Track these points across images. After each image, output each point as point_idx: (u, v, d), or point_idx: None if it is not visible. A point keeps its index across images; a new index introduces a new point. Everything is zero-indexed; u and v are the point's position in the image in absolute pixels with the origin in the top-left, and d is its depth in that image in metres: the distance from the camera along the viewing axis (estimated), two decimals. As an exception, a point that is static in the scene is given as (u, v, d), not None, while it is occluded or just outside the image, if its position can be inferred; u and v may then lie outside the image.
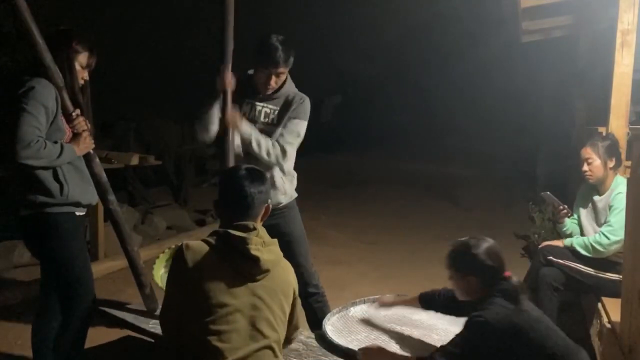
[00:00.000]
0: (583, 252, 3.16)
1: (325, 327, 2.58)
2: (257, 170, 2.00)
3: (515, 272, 2.27)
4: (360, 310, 2.83)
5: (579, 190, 3.44)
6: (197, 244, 1.85)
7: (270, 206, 1.99)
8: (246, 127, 2.71)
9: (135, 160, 4.90)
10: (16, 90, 2.29)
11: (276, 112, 2.84)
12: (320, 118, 13.63)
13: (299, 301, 2.04)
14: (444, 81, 11.68)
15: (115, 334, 3.17)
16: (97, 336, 3.03)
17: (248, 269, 1.83)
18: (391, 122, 12.93)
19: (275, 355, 1.89)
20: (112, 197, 2.63)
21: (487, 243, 2.23)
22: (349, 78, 13.67)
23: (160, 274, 2.84)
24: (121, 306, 3.00)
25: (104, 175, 2.60)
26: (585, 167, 3.21)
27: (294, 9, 11.16)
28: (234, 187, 1.92)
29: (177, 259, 1.84)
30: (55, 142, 2.33)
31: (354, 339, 2.49)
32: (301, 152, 2.98)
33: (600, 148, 3.18)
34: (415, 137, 12.41)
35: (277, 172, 2.85)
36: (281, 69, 2.73)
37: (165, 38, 10.15)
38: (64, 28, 2.52)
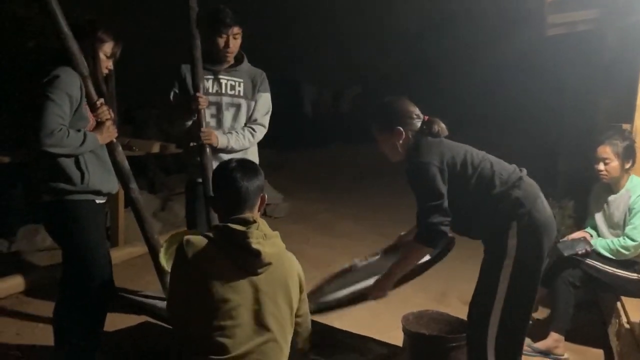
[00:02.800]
0: (607, 255, 3.12)
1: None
2: (248, 162, 2.01)
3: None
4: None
5: (591, 194, 3.39)
6: (197, 239, 1.85)
7: (266, 196, 2.01)
8: (222, 139, 2.98)
9: (156, 148, 4.95)
10: (41, 79, 2.32)
11: (241, 84, 3.09)
12: (340, 109, 13.59)
13: (305, 295, 2.03)
14: (465, 74, 11.55)
15: (133, 319, 3.21)
16: (116, 321, 3.07)
17: (250, 263, 1.83)
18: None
19: (281, 349, 1.88)
20: (133, 185, 2.66)
21: (400, 97, 2.47)
22: (369, 69, 13.61)
23: (166, 258, 2.81)
24: (140, 292, 3.04)
25: (126, 164, 2.63)
26: (602, 167, 3.15)
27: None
28: (226, 182, 1.91)
29: (179, 255, 1.85)
30: (78, 131, 2.36)
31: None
32: (319, 144, 3.04)
33: (620, 148, 3.12)
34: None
35: (252, 153, 3.13)
36: (236, 29, 2.96)
37: (186, 25, 10.19)
38: (89, 17, 2.54)
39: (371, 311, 3.14)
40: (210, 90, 3.04)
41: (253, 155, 3.17)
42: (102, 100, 2.48)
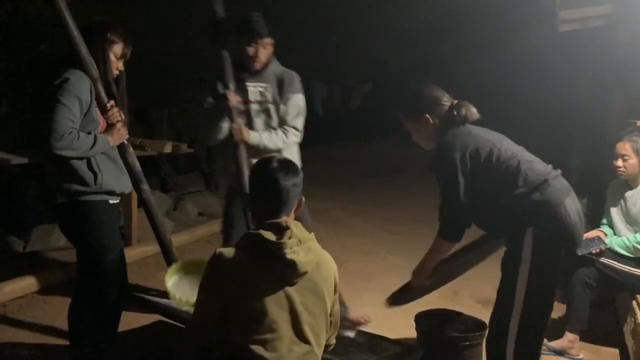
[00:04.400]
0: (624, 253, 3.09)
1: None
2: (290, 162, 1.91)
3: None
4: None
5: (608, 190, 3.36)
6: (229, 252, 1.78)
7: (304, 199, 1.92)
8: (254, 136, 2.91)
9: (168, 148, 4.96)
10: (51, 82, 2.34)
11: (270, 89, 2.99)
12: (350, 105, 13.56)
13: (338, 294, 1.95)
14: (477, 71, 11.48)
15: (146, 318, 3.24)
16: (129, 320, 3.10)
17: (285, 274, 1.75)
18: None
19: (318, 358, 1.83)
20: (145, 186, 2.69)
21: (427, 83, 2.41)
22: (381, 66, 13.56)
23: (171, 283, 2.79)
24: (153, 291, 3.07)
25: (137, 165, 2.66)
26: (620, 163, 3.13)
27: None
28: (266, 182, 1.82)
29: (212, 268, 1.78)
30: (89, 133, 2.37)
31: None
32: (330, 141, 3.03)
33: (639, 145, 3.10)
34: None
35: (290, 152, 3.03)
36: (266, 40, 2.89)
37: (199, 23, 10.23)
38: (98, 19, 2.55)
39: (384, 310, 3.13)
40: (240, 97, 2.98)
41: (293, 157, 3.02)
42: (112, 102, 2.49)
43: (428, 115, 2.31)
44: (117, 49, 2.53)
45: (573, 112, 7.59)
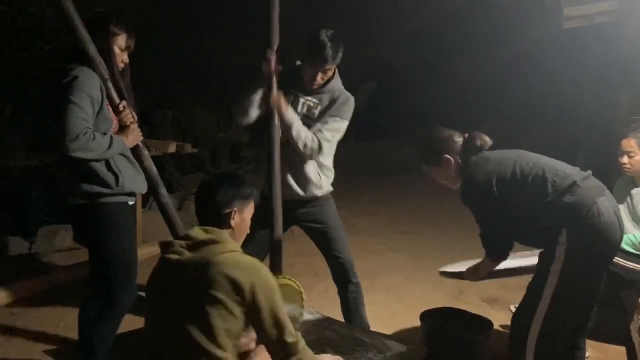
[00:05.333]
0: (631, 250, 3.07)
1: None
2: (227, 176, 2.00)
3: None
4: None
5: (615, 187, 3.34)
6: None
7: (235, 211, 1.90)
8: (291, 113, 2.69)
9: (172, 148, 4.98)
10: (60, 80, 2.26)
11: (319, 107, 2.82)
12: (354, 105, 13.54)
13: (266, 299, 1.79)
14: (482, 69, 11.44)
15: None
16: (135, 320, 3.10)
17: (167, 271, 1.86)
18: (428, 110, 12.76)
19: None
20: (163, 190, 2.62)
21: (434, 127, 2.50)
22: (384, 64, 13.54)
23: None
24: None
25: (154, 169, 2.58)
26: (626, 160, 3.11)
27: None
28: (199, 191, 1.94)
29: None
30: (104, 134, 2.30)
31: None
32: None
33: None
34: (451, 125, 12.23)
35: (312, 166, 2.85)
36: (329, 66, 2.72)
37: (202, 25, 10.23)
38: (99, 11, 2.46)
39: (390, 309, 3.13)
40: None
41: (310, 171, 2.85)
42: (124, 103, 2.43)
43: (447, 155, 2.37)
44: (121, 40, 2.45)
45: (579, 109, 7.55)
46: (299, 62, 2.85)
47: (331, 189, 2.98)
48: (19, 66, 5.03)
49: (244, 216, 1.94)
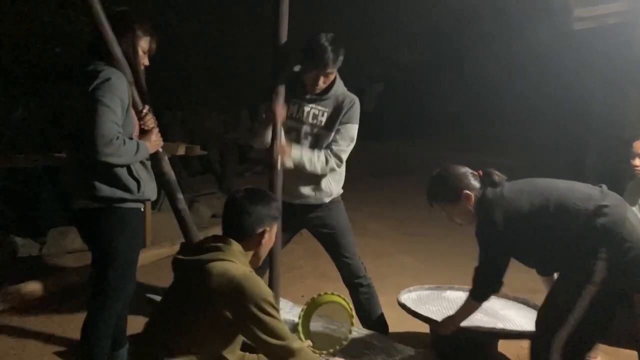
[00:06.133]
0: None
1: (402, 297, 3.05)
2: (259, 192, 2.00)
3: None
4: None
5: (626, 190, 3.31)
6: None
7: (265, 231, 1.95)
8: (296, 154, 2.69)
9: (181, 150, 4.98)
10: (90, 80, 2.19)
11: (325, 114, 2.81)
12: (363, 106, 13.51)
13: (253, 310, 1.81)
14: (492, 69, 11.39)
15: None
16: (142, 322, 3.11)
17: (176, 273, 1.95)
18: (437, 111, 12.73)
19: None
20: (180, 195, 2.59)
21: (448, 165, 2.48)
22: (393, 65, 13.51)
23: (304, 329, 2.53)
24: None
25: (172, 174, 2.56)
26: (637, 162, 3.09)
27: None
28: (228, 202, 1.97)
29: None
30: (130, 139, 2.27)
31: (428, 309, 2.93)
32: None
33: None
34: (461, 126, 12.19)
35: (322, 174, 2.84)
36: (330, 70, 2.71)
37: (210, 27, 10.25)
38: (122, 9, 2.41)
39: (398, 312, 3.12)
40: (294, 115, 2.81)
41: (326, 182, 2.87)
42: (147, 107, 2.40)
43: (467, 191, 2.37)
44: (144, 43, 2.40)
45: (589, 111, 7.51)
46: (297, 68, 2.84)
47: (341, 191, 2.98)
48: (28, 69, 5.06)
49: (272, 234, 1.97)
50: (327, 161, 2.75)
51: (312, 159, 2.73)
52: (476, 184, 2.39)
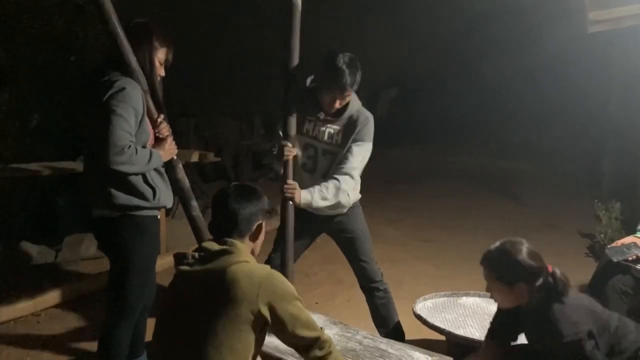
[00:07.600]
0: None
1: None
2: (246, 187, 1.97)
3: (580, 273, 2.20)
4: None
5: None
6: None
7: (262, 224, 1.94)
8: (305, 196, 2.68)
9: (195, 157, 5.01)
10: (105, 90, 2.22)
11: (340, 133, 2.81)
12: (376, 112, 13.47)
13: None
14: (505, 74, 11.32)
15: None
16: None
17: (179, 281, 1.89)
18: (450, 116, 12.66)
19: None
20: (194, 202, 2.60)
21: (524, 244, 2.22)
22: (406, 70, 13.47)
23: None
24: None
25: (187, 182, 2.58)
26: None
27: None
28: (216, 203, 1.92)
29: None
30: (144, 147, 2.29)
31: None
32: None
33: None
34: (474, 131, 12.10)
35: None
36: (347, 93, 2.71)
37: (224, 34, 10.32)
38: (140, 21, 2.43)
39: (414, 319, 3.09)
40: (310, 133, 2.84)
41: (352, 192, 2.85)
42: (162, 116, 2.41)
43: (524, 285, 2.19)
44: (162, 54, 2.43)
45: (606, 114, 7.42)
46: (310, 79, 2.83)
47: (359, 196, 2.98)
48: (43, 78, 5.10)
49: (264, 229, 1.96)
50: (337, 186, 2.72)
51: (322, 192, 2.71)
52: (539, 282, 2.20)
